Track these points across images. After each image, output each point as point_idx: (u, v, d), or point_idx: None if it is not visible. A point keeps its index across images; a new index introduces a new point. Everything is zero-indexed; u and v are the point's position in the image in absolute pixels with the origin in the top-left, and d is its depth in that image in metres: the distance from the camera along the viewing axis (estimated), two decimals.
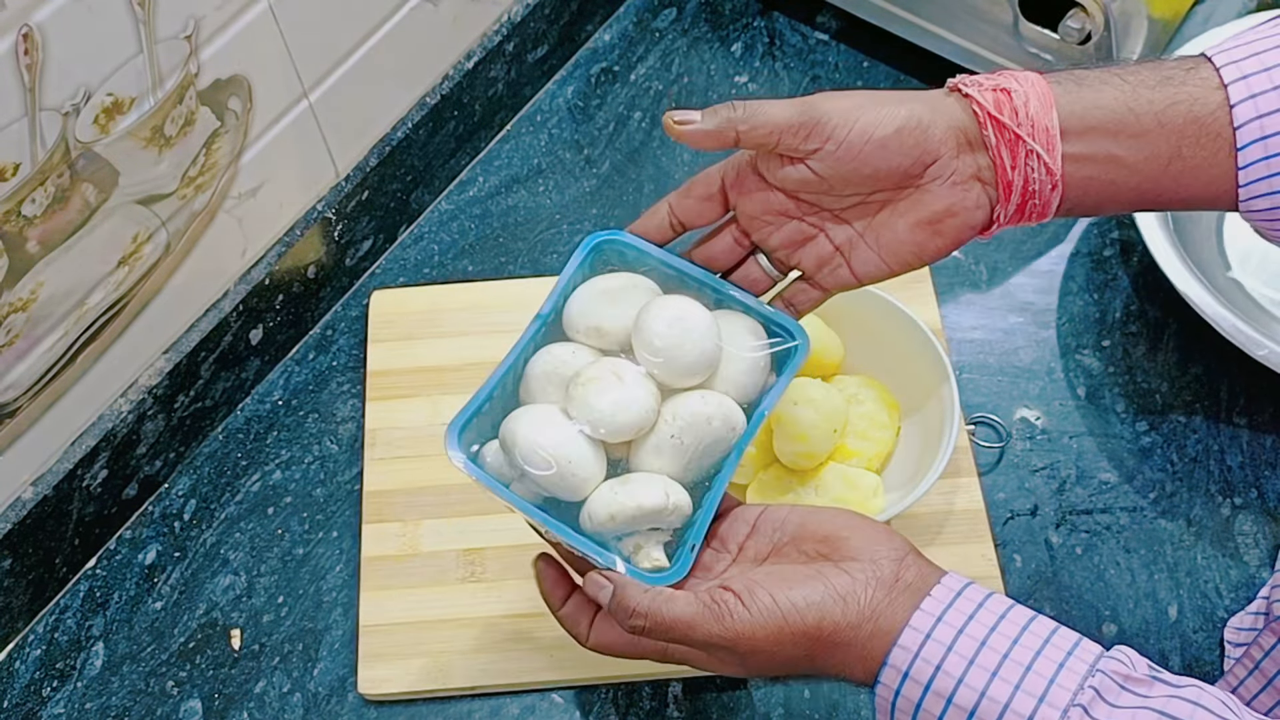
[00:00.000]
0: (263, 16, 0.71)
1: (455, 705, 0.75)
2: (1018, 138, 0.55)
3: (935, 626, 0.51)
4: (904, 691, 0.50)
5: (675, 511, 0.57)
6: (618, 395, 0.57)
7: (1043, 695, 0.48)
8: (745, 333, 0.61)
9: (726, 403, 0.60)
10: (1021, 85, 0.55)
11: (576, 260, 0.62)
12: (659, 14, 1.03)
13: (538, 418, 0.58)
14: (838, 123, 0.56)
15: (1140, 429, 0.84)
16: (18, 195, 0.62)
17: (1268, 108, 0.53)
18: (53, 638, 0.78)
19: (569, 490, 0.58)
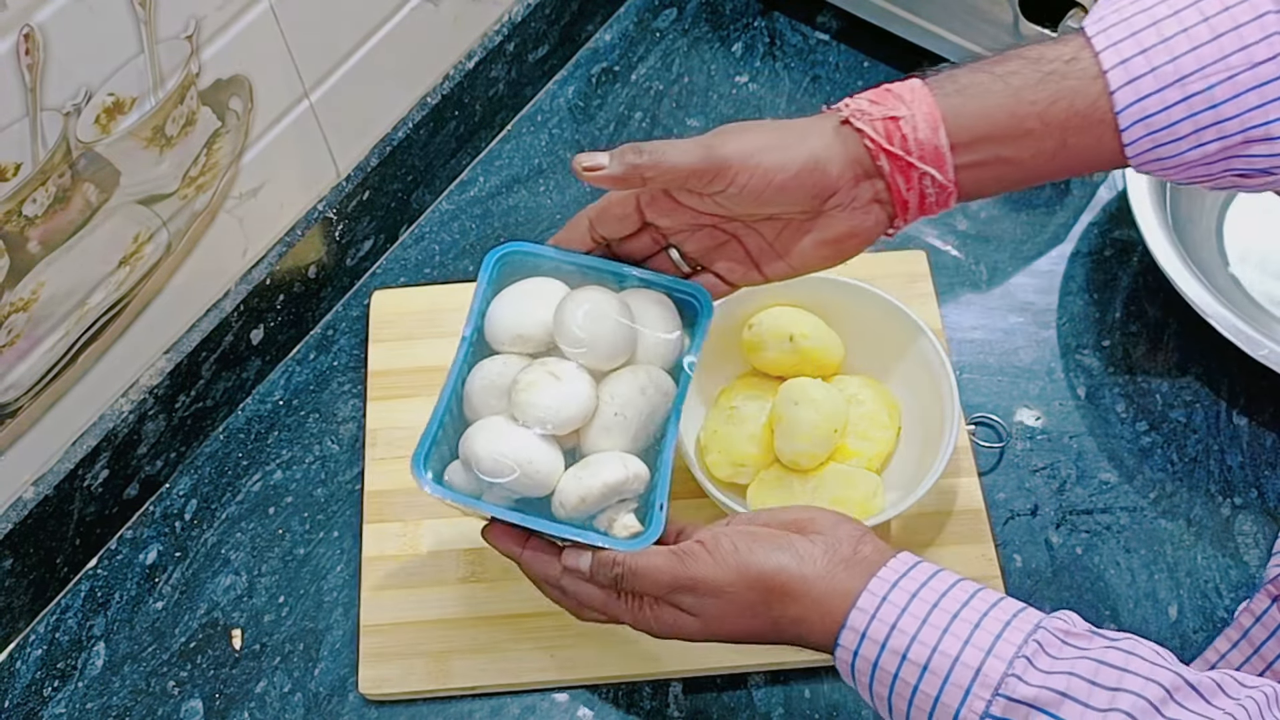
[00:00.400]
0: (264, 16, 0.71)
1: (456, 705, 0.75)
2: (910, 165, 0.58)
3: (890, 591, 0.55)
4: (862, 650, 0.54)
5: (636, 479, 0.62)
6: (557, 392, 0.62)
7: (990, 648, 0.51)
8: (653, 305, 0.65)
9: (654, 371, 0.65)
10: (909, 108, 0.58)
11: (484, 278, 0.66)
12: (659, 14, 1.04)
13: (491, 430, 0.62)
14: (739, 168, 0.59)
15: (1140, 429, 0.84)
16: (19, 195, 0.62)
17: (1145, 90, 0.55)
18: (54, 638, 0.78)
19: (536, 487, 0.62)
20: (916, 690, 0.52)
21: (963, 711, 0.51)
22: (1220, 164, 0.57)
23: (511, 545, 0.64)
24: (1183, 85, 0.54)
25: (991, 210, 0.93)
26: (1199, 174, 0.58)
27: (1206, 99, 0.54)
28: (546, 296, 0.65)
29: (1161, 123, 0.56)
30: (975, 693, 0.51)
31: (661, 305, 0.66)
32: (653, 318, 0.65)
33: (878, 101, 0.59)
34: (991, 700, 0.50)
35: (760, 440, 0.76)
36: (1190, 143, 0.56)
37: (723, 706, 0.75)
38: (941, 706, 0.51)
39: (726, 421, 0.77)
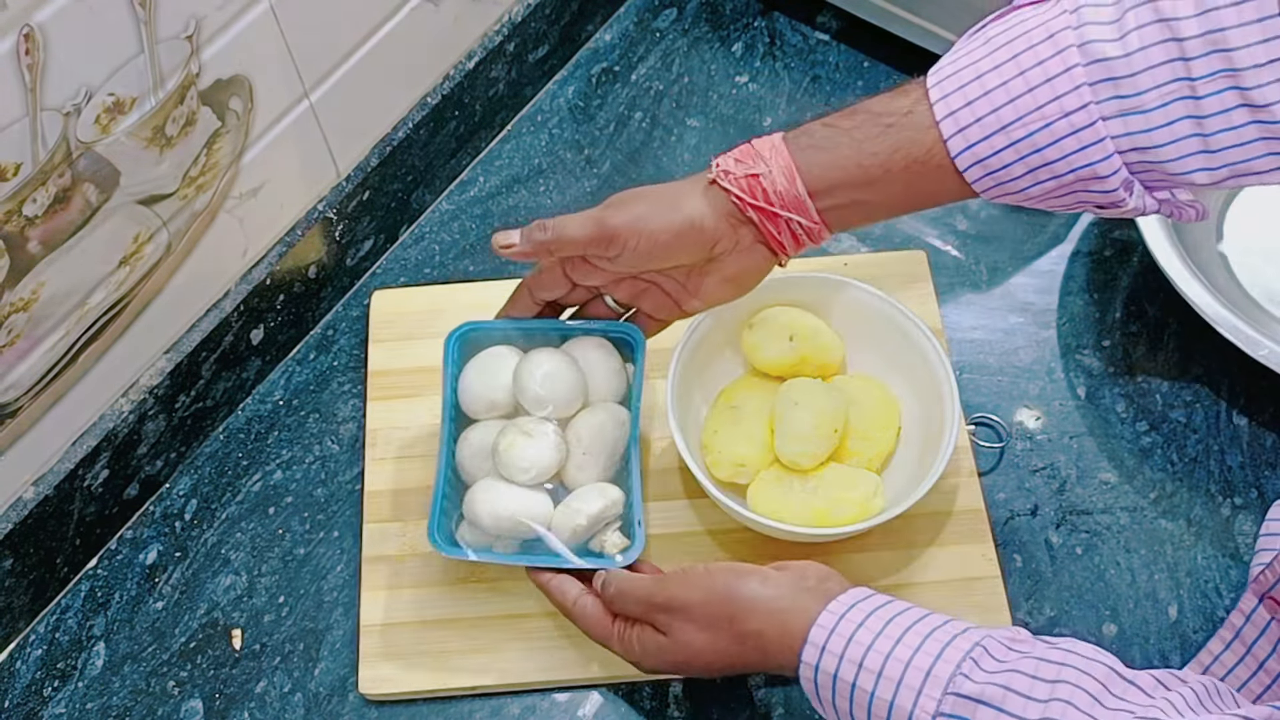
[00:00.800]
0: (264, 16, 0.71)
1: (456, 705, 0.75)
2: (775, 214, 0.65)
3: (849, 610, 0.59)
4: (821, 663, 0.58)
5: (615, 504, 0.72)
6: (532, 447, 0.72)
7: (939, 654, 0.56)
8: (595, 349, 0.76)
9: (609, 407, 0.75)
10: (768, 164, 0.65)
11: (447, 357, 0.76)
12: (660, 14, 1.04)
13: (486, 493, 0.72)
14: (627, 236, 0.67)
15: (1140, 429, 0.84)
16: (19, 195, 0.62)
17: (975, 138, 0.60)
18: (54, 638, 0.78)
19: (534, 531, 0.72)
20: (873, 696, 0.56)
21: (916, 711, 0.55)
22: (1068, 197, 0.61)
23: (538, 577, 0.72)
24: (1007, 133, 0.59)
25: (991, 210, 0.93)
26: (1056, 205, 0.62)
27: (1030, 144, 0.59)
28: (504, 364, 0.75)
29: (995, 165, 0.60)
30: (926, 692, 0.55)
31: (602, 349, 0.76)
32: (596, 360, 0.76)
33: (741, 160, 0.66)
34: (942, 698, 0.54)
35: (760, 440, 0.76)
36: (1028, 181, 0.60)
37: (723, 706, 0.75)
38: (896, 709, 0.55)
39: (726, 421, 0.77)
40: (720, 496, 0.74)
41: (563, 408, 0.74)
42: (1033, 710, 0.52)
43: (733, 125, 0.97)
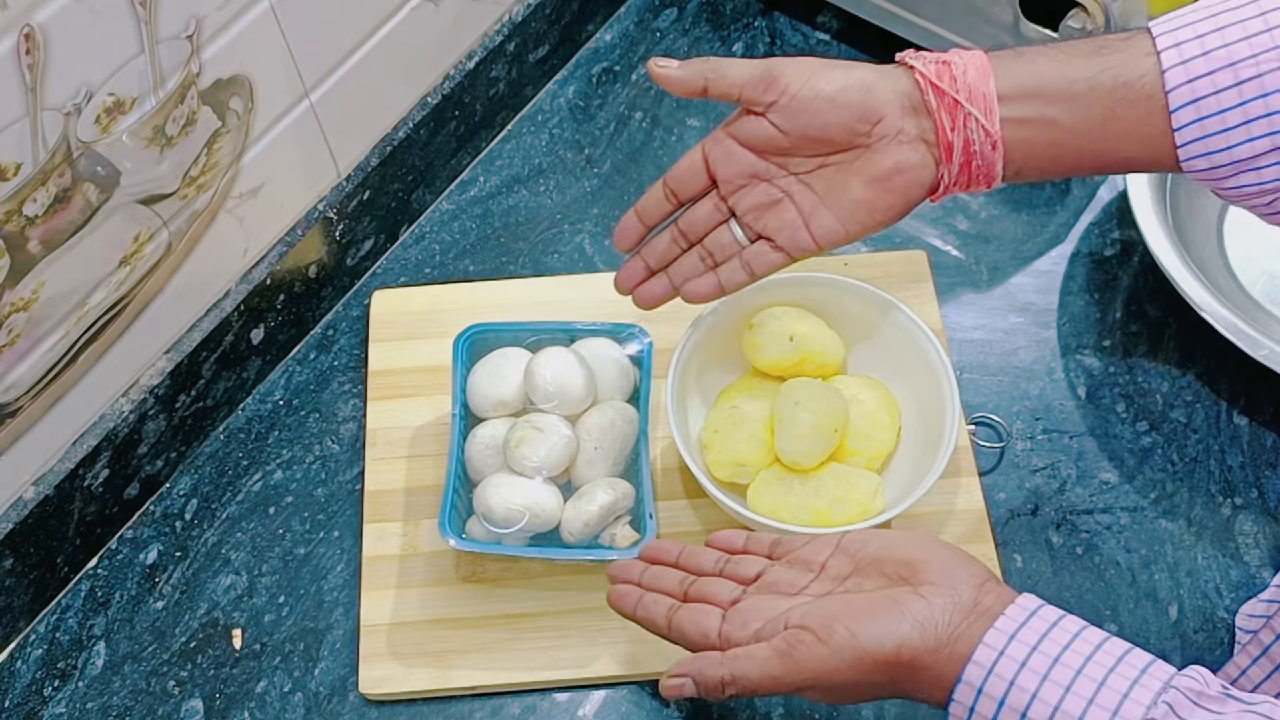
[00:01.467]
0: (264, 16, 0.71)
1: (456, 705, 0.75)
2: (956, 103, 0.59)
3: (1009, 644, 0.52)
4: (979, 708, 0.51)
5: (625, 497, 0.73)
6: (543, 442, 0.73)
7: (1116, 709, 0.49)
8: (603, 348, 0.77)
9: (617, 404, 0.76)
10: (962, 58, 0.60)
11: (456, 359, 0.77)
12: (660, 14, 1.04)
13: (498, 486, 0.73)
14: (791, 78, 0.62)
15: (1140, 429, 0.84)
16: (19, 195, 0.62)
17: (1197, 72, 0.55)
18: (54, 637, 0.78)
19: (544, 524, 0.73)
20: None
21: None
22: (1272, 168, 0.56)
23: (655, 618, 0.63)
24: (1235, 70, 0.54)
25: (992, 210, 0.93)
26: (1249, 182, 0.57)
27: (1258, 86, 0.54)
28: (513, 364, 0.77)
29: (1212, 107, 0.55)
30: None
31: (610, 348, 0.78)
32: (604, 359, 0.77)
33: (933, 51, 0.61)
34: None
35: (760, 440, 0.76)
36: (1240, 135, 0.55)
37: (723, 706, 0.75)
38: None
39: (727, 421, 0.77)
40: (720, 496, 0.74)
41: (572, 405, 0.75)
42: None
43: None
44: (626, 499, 0.73)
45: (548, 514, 0.73)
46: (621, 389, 0.78)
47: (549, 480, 0.74)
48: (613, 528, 0.73)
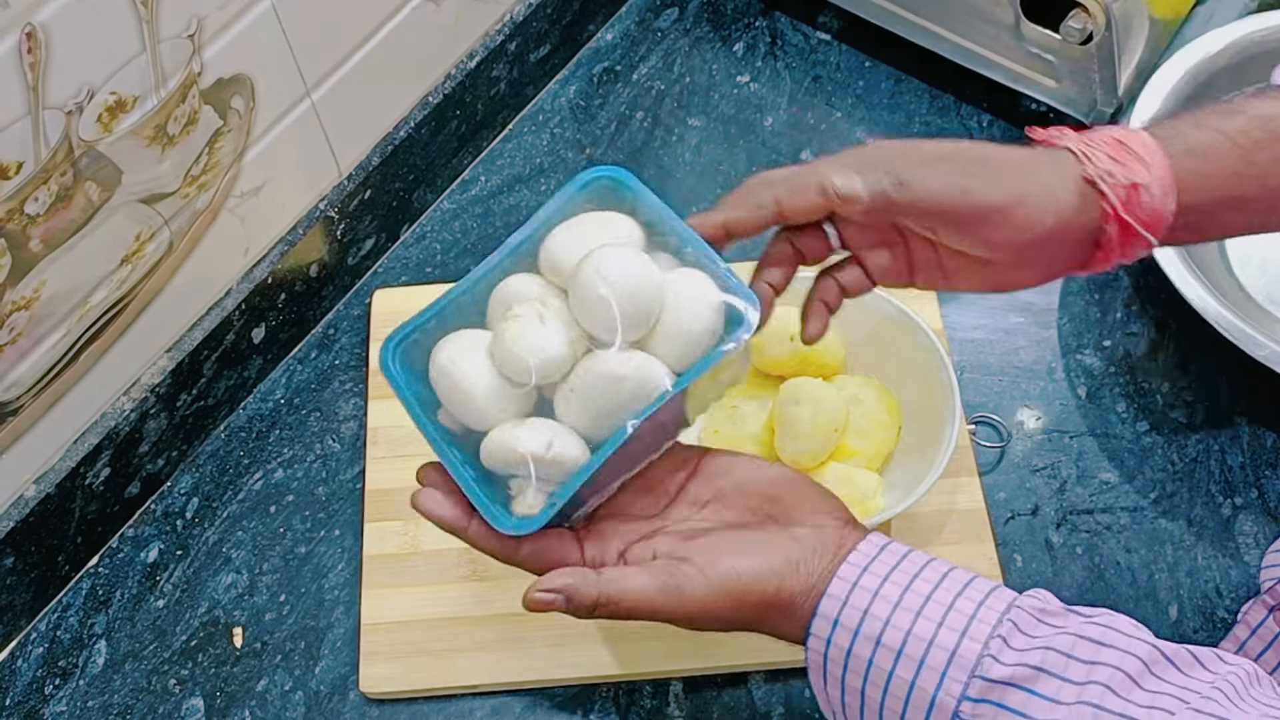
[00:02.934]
0: (265, 16, 0.71)
1: (456, 704, 0.75)
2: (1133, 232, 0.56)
3: (861, 575, 0.53)
4: (835, 639, 0.53)
5: (555, 464, 0.55)
6: (530, 337, 0.55)
7: (964, 630, 0.51)
8: (700, 302, 0.56)
9: (649, 368, 0.56)
10: (1149, 172, 0.55)
11: (567, 193, 0.60)
12: (661, 14, 1.04)
13: (463, 343, 0.57)
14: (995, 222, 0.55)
15: (1141, 429, 0.84)
16: (21, 194, 0.62)
17: None
18: (55, 635, 0.78)
19: (476, 421, 0.57)
20: (891, 676, 0.51)
21: (939, 695, 0.50)
22: None
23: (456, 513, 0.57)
24: None
25: None
26: None
27: None
28: (602, 238, 0.58)
29: None
30: (951, 675, 0.50)
31: (709, 309, 0.57)
32: (687, 314, 0.56)
33: (1120, 161, 0.55)
34: (968, 682, 0.50)
35: (760, 440, 0.76)
36: None
37: (723, 706, 0.75)
38: (918, 690, 0.51)
39: (727, 421, 0.77)
40: None
41: (599, 326, 0.56)
42: (1067, 693, 0.48)
43: (734, 125, 0.97)
44: (557, 469, 0.56)
45: (480, 412, 0.57)
46: (677, 356, 0.56)
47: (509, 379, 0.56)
48: (525, 483, 0.57)
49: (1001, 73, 0.94)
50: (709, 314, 0.56)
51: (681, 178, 0.95)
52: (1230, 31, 0.90)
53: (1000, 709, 0.49)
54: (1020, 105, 0.97)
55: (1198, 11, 1.00)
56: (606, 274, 0.55)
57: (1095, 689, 0.48)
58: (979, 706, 0.50)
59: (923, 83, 0.99)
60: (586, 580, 0.55)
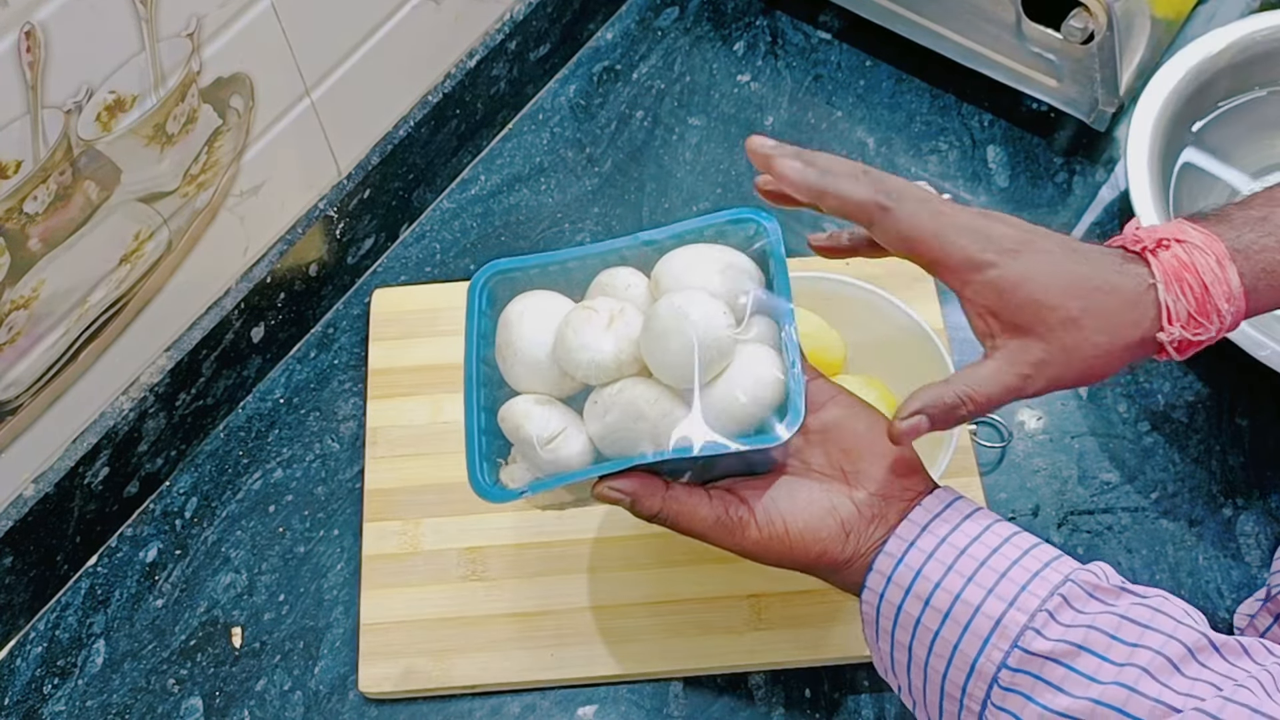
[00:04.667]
0: (265, 15, 0.71)
1: (456, 703, 0.75)
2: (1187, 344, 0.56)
3: (919, 535, 0.54)
4: (887, 595, 0.54)
5: (550, 458, 0.57)
6: (589, 335, 0.57)
7: (1013, 600, 0.51)
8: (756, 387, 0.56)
9: (671, 423, 0.56)
10: (1223, 318, 0.55)
11: (722, 217, 0.60)
12: (661, 13, 1.03)
13: (542, 306, 0.59)
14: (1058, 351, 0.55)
15: (1142, 429, 0.83)
16: (20, 193, 0.62)
17: None
18: (54, 635, 0.78)
19: (513, 379, 0.59)
20: (937, 636, 0.52)
21: (980, 660, 0.51)
22: None
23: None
24: None
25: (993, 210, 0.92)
26: None
27: None
28: (715, 276, 0.58)
29: None
30: (994, 643, 0.51)
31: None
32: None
33: (1198, 321, 0.55)
34: (1010, 651, 0.50)
35: None
36: None
37: (723, 706, 0.75)
38: (960, 654, 0.52)
39: None
40: None
41: (654, 364, 0.56)
42: (1106, 672, 0.49)
43: (734, 124, 0.97)
44: (553, 463, 0.57)
45: (520, 371, 0.58)
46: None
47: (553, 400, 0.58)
48: (521, 457, 0.58)
49: (1003, 72, 0.93)
50: (758, 401, 0.56)
51: (682, 177, 0.94)
52: (1232, 31, 0.90)
53: (1037, 680, 0.50)
54: (1021, 104, 0.97)
55: (1199, 11, 1.00)
56: (678, 316, 0.55)
57: (1133, 671, 0.48)
58: (1017, 676, 0.50)
59: (924, 82, 0.99)
60: (653, 492, 0.57)
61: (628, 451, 0.57)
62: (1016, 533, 0.54)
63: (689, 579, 0.76)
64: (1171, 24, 0.96)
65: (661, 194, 0.94)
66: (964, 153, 0.95)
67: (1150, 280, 0.55)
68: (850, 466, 0.58)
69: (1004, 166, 0.94)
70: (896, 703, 0.74)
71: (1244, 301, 0.55)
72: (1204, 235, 0.56)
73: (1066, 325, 0.54)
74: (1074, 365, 0.55)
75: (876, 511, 0.56)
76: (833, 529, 0.56)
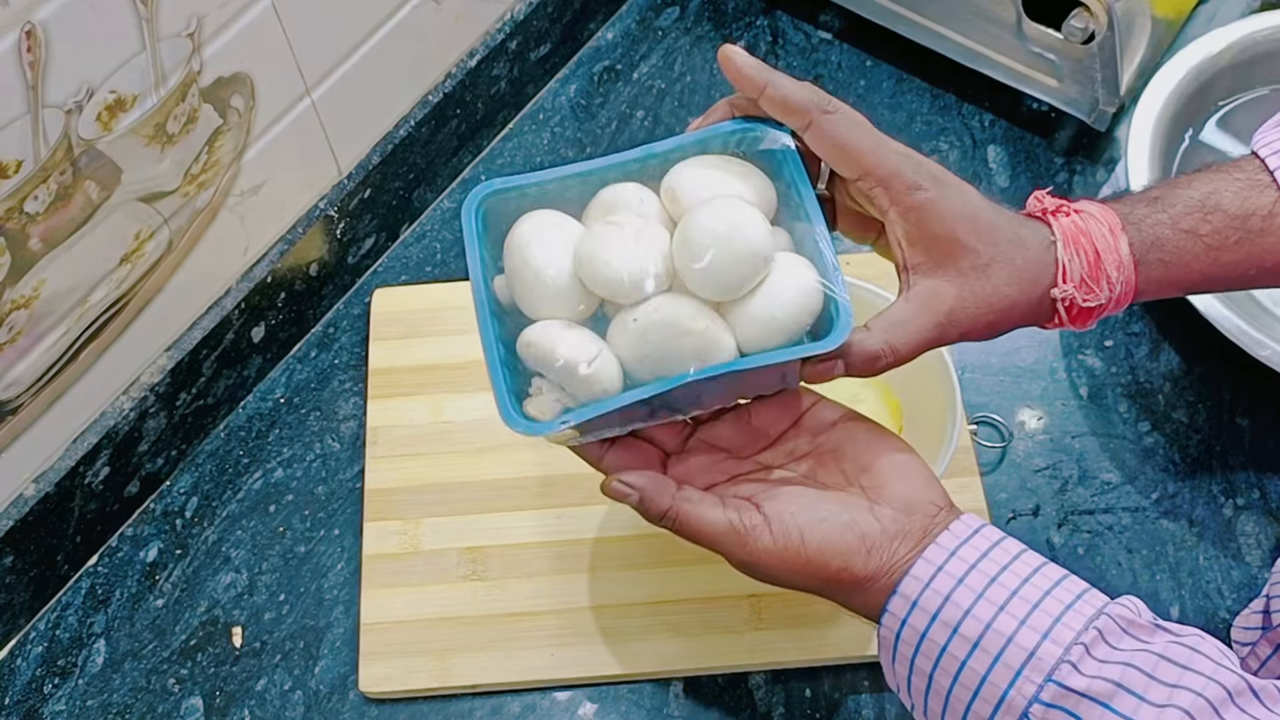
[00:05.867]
0: (265, 14, 0.71)
1: (456, 703, 0.75)
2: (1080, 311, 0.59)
3: (948, 560, 0.52)
4: (910, 619, 0.52)
5: (584, 383, 0.53)
6: (619, 249, 0.53)
7: (1047, 632, 0.49)
8: (798, 293, 0.54)
9: (718, 338, 0.54)
10: (1113, 291, 0.58)
11: (720, 129, 0.58)
12: (662, 12, 1.03)
13: (552, 224, 0.56)
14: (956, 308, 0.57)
15: (1142, 429, 0.83)
16: (20, 192, 0.62)
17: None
18: (54, 635, 0.78)
19: (529, 305, 0.56)
20: (964, 666, 0.50)
21: (1010, 693, 0.49)
22: None
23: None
24: None
25: None
26: None
27: None
28: (733, 184, 0.56)
29: None
30: (1026, 675, 0.49)
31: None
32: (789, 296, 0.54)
33: (1090, 284, 0.58)
34: (1043, 685, 0.49)
35: None
36: None
37: (723, 706, 0.75)
38: (989, 685, 0.50)
39: None
40: None
41: (696, 283, 0.54)
42: (1145, 713, 0.47)
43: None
44: (586, 389, 0.54)
45: (539, 294, 0.55)
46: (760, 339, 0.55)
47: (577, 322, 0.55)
48: (549, 387, 0.55)
49: (1003, 72, 0.93)
50: (800, 310, 0.54)
51: None
52: (1232, 31, 0.90)
53: (1072, 717, 0.48)
54: (1022, 104, 0.97)
55: (1200, 11, 1.00)
56: (719, 225, 0.53)
57: (1174, 713, 0.47)
58: (1050, 712, 0.49)
59: (924, 82, 0.99)
60: (663, 490, 0.55)
61: (670, 371, 0.54)
62: (1046, 563, 0.53)
63: (689, 579, 0.76)
64: (1172, 24, 0.96)
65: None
66: (964, 152, 0.95)
67: (1051, 238, 0.57)
68: (868, 482, 0.56)
69: (1004, 166, 0.94)
70: (896, 703, 0.74)
71: (1134, 273, 0.57)
72: (1100, 207, 0.58)
73: (979, 270, 0.56)
74: (982, 316, 0.57)
75: (900, 527, 0.54)
76: (853, 543, 0.54)
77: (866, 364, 0.56)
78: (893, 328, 0.56)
